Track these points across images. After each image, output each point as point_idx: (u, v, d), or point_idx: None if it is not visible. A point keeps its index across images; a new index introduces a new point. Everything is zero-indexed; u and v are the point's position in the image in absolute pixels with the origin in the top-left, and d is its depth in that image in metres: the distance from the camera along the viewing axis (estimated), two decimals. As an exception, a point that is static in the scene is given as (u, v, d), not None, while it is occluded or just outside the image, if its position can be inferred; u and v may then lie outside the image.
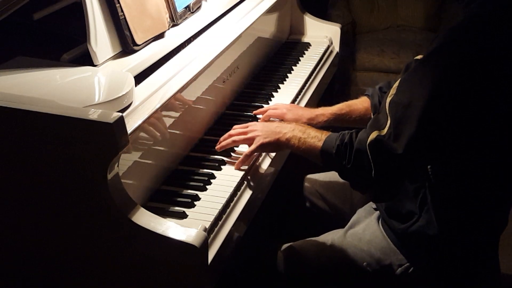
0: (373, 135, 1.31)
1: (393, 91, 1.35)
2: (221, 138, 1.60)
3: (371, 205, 1.65)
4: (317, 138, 1.45)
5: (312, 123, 1.72)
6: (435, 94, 1.24)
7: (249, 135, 1.55)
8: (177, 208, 1.38)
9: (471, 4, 1.29)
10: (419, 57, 1.47)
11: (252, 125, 1.60)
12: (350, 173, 1.37)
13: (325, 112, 1.76)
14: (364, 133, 1.35)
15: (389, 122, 1.30)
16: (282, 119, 1.75)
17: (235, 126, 1.62)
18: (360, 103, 1.77)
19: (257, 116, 1.81)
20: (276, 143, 1.51)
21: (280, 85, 2.05)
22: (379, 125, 1.32)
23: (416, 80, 1.28)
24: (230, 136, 1.58)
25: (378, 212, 1.59)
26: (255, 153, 1.56)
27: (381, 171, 1.30)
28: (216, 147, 1.59)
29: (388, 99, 1.34)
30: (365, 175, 1.32)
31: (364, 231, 1.57)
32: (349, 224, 1.66)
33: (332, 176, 1.84)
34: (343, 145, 1.37)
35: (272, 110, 1.79)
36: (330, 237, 1.62)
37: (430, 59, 1.28)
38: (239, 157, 1.55)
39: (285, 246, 1.63)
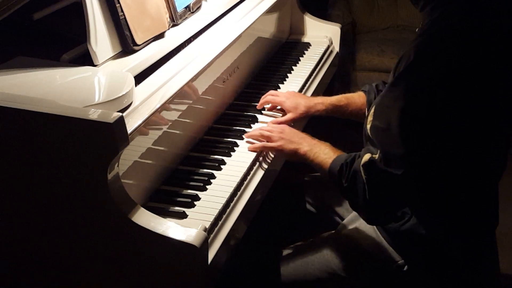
0: (366, 157, 1.33)
1: (370, 117, 1.37)
2: (253, 129, 1.70)
3: None
4: (328, 155, 1.50)
5: (310, 112, 1.80)
6: (411, 112, 1.26)
7: (274, 134, 1.62)
8: (177, 208, 1.38)
9: (425, 9, 1.35)
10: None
11: (282, 127, 1.67)
12: (347, 192, 1.41)
13: (324, 101, 1.81)
14: (361, 154, 1.38)
15: (378, 147, 1.32)
16: (280, 106, 1.81)
17: (269, 123, 1.73)
18: (358, 97, 1.81)
19: (263, 111, 1.87)
20: (293, 152, 1.58)
21: (280, 85, 2.05)
22: (371, 152, 1.34)
23: (389, 103, 1.30)
24: (261, 130, 1.66)
25: None
26: (272, 151, 1.63)
27: (375, 192, 1.33)
28: (244, 135, 1.68)
29: (368, 126, 1.37)
30: (359, 195, 1.35)
31: (358, 229, 1.59)
32: (344, 222, 1.67)
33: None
34: (345, 164, 1.41)
35: (271, 96, 1.85)
36: (325, 236, 1.63)
37: (401, 79, 1.30)
38: (253, 143, 1.64)
39: (285, 250, 1.64)
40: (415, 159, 1.29)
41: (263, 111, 1.86)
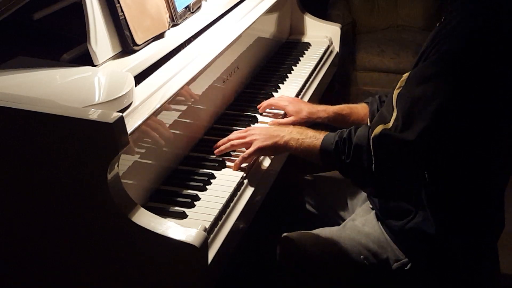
0: (378, 129, 1.32)
1: (401, 83, 1.37)
2: (220, 142, 1.60)
3: (368, 204, 1.66)
4: (315, 137, 1.47)
5: (312, 118, 1.77)
6: (452, 93, 1.26)
7: (247, 139, 1.56)
8: (177, 208, 1.38)
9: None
10: None
11: (250, 129, 1.62)
12: (350, 168, 1.39)
13: (327, 109, 1.80)
14: (364, 129, 1.37)
15: (395, 114, 1.31)
16: (283, 110, 1.81)
17: (234, 132, 1.63)
18: (361, 108, 1.80)
19: (263, 112, 1.85)
20: (273, 146, 1.52)
21: (280, 85, 2.05)
22: (384, 119, 1.34)
23: (429, 75, 1.29)
24: (229, 140, 1.59)
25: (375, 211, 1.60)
26: (253, 156, 1.57)
27: (382, 166, 1.32)
28: (215, 151, 1.59)
29: (396, 92, 1.35)
30: (364, 170, 1.34)
31: (363, 225, 1.59)
32: (347, 220, 1.67)
33: (331, 176, 1.85)
34: (341, 141, 1.39)
35: (274, 100, 1.85)
36: (328, 230, 1.62)
37: (442, 60, 1.29)
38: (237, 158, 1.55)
39: (283, 235, 1.62)
40: (435, 134, 1.29)
41: (263, 113, 1.85)
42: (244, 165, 1.54)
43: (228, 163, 1.56)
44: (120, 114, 1.15)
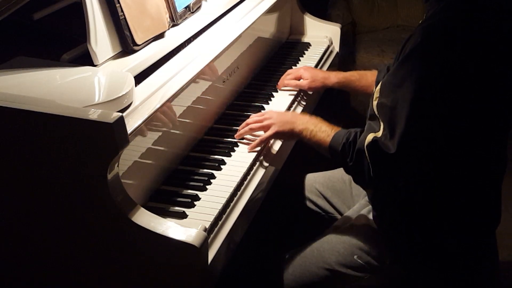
0: (370, 137, 1.36)
1: (377, 94, 1.40)
2: (240, 127, 1.70)
3: (366, 201, 1.68)
4: (326, 133, 1.52)
5: (325, 82, 1.97)
6: (418, 93, 1.28)
7: (265, 123, 1.64)
8: (177, 208, 1.38)
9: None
10: None
11: (267, 113, 1.70)
12: (352, 170, 1.44)
13: (338, 74, 1.97)
14: (364, 135, 1.41)
15: (382, 124, 1.35)
16: (300, 76, 1.98)
17: (251, 116, 1.71)
18: (370, 74, 1.91)
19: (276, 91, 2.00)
20: (290, 132, 1.61)
21: (280, 85, 2.05)
22: (373, 129, 1.38)
23: (397, 81, 1.32)
24: (247, 124, 1.67)
25: (370, 206, 1.61)
26: (270, 139, 1.65)
27: (378, 171, 1.36)
28: (235, 136, 1.68)
29: (375, 103, 1.40)
30: (365, 173, 1.38)
31: (355, 226, 1.60)
32: (341, 219, 1.70)
33: (332, 175, 1.86)
34: (348, 143, 1.43)
35: (291, 70, 2.04)
36: (324, 234, 1.63)
37: (408, 60, 1.31)
38: (251, 142, 1.64)
39: (291, 254, 1.64)
40: (414, 140, 1.31)
41: (279, 90, 1.99)
42: (243, 166, 1.55)
43: (239, 147, 1.64)
44: (120, 114, 1.15)
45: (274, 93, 1.98)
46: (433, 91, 1.29)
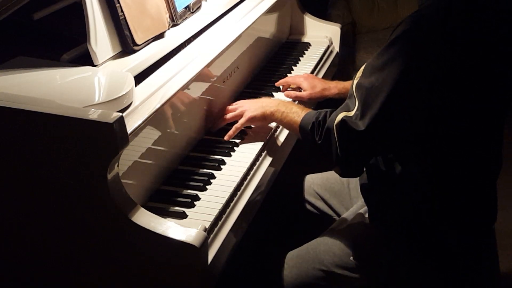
0: (340, 116, 1.39)
1: (359, 74, 1.42)
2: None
3: (362, 201, 1.67)
4: (297, 113, 1.58)
5: (325, 93, 1.95)
6: (398, 79, 1.29)
7: (237, 111, 1.70)
8: (177, 208, 1.38)
9: None
10: None
11: (239, 102, 1.75)
12: (320, 148, 1.47)
13: (338, 85, 1.96)
14: (335, 114, 1.43)
15: (357, 104, 1.37)
16: (299, 85, 1.97)
17: (226, 107, 1.76)
18: None
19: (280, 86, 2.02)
20: (262, 116, 1.66)
21: (280, 85, 2.05)
22: (348, 108, 1.40)
23: (379, 64, 1.33)
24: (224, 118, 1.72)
25: (366, 207, 1.61)
26: (244, 125, 1.69)
27: (345, 149, 1.39)
28: (212, 128, 1.72)
29: (355, 82, 1.41)
30: (332, 151, 1.41)
31: (354, 226, 1.60)
32: (339, 220, 1.70)
33: (330, 176, 1.86)
34: (317, 122, 1.47)
35: (291, 77, 2.03)
36: (322, 235, 1.63)
37: (393, 45, 1.32)
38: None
39: (288, 255, 1.64)
40: (385, 122, 1.33)
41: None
42: (244, 166, 1.55)
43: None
44: (120, 114, 1.15)
45: (274, 93, 1.98)
46: (413, 79, 1.29)
